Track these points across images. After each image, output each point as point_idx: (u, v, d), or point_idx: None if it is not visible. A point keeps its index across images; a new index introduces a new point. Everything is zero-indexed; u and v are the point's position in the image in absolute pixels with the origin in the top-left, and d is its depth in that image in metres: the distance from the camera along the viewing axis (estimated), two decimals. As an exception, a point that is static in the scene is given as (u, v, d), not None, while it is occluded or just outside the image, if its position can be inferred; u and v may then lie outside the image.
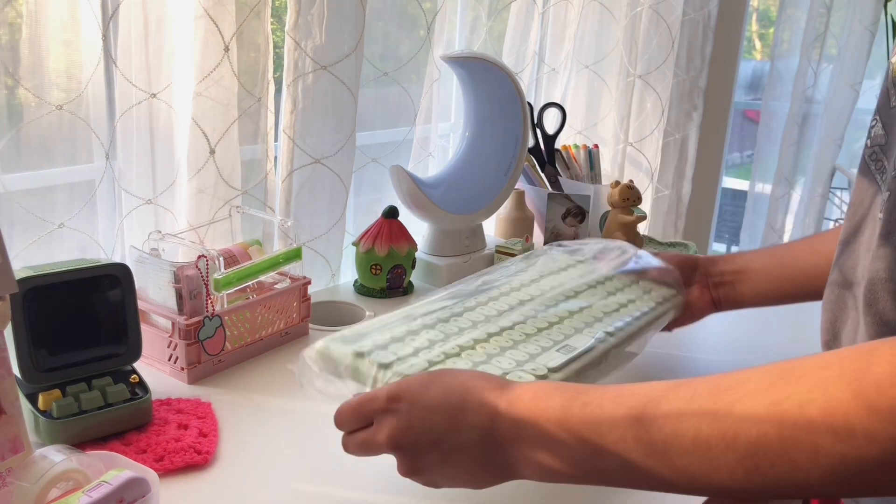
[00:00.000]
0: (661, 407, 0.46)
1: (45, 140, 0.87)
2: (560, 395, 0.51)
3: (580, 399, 0.50)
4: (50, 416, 0.69)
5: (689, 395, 0.46)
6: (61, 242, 0.91)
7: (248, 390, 0.84)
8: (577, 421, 0.49)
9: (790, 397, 0.42)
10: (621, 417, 0.47)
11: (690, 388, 0.46)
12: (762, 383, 0.44)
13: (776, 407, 0.42)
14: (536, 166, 1.43)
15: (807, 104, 2.07)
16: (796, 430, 0.41)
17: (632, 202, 1.36)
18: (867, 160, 0.60)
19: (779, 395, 0.42)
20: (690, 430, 0.45)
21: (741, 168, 3.30)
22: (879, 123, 0.60)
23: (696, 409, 0.45)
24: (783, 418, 0.41)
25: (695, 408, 0.45)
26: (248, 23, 0.99)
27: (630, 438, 0.47)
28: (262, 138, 1.05)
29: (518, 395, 0.53)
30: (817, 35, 2.00)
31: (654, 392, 0.48)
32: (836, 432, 0.40)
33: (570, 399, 0.50)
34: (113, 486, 0.54)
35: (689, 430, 0.45)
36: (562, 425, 0.50)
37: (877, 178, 0.58)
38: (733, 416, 0.43)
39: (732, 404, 0.43)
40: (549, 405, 0.51)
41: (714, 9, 1.71)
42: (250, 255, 0.93)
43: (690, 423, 0.45)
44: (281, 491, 0.67)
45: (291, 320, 0.96)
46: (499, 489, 0.69)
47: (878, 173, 0.59)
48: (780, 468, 0.42)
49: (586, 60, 1.65)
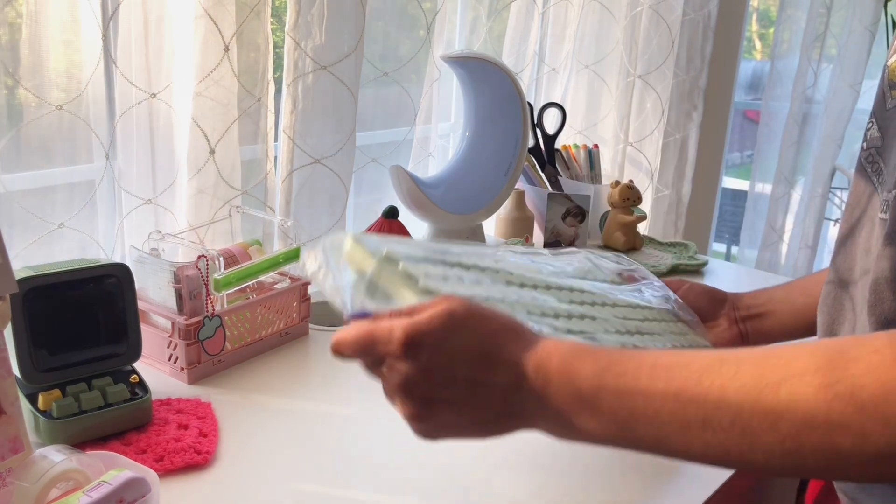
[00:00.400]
0: (701, 383, 0.44)
1: (45, 140, 0.87)
2: (593, 362, 0.49)
3: (614, 369, 0.48)
4: (50, 416, 0.69)
5: (733, 373, 0.44)
6: (61, 242, 0.91)
7: (248, 390, 0.84)
8: (611, 392, 0.47)
9: (841, 381, 0.40)
10: (658, 392, 0.46)
11: (734, 364, 0.44)
12: (811, 364, 0.42)
13: (827, 390, 0.41)
14: (536, 166, 1.43)
15: (807, 104, 2.07)
16: (846, 416, 0.40)
17: (632, 202, 1.36)
18: (863, 162, 0.61)
19: (830, 378, 0.41)
20: (732, 409, 0.43)
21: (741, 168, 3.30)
22: (875, 126, 0.60)
23: (738, 388, 0.43)
24: (833, 402, 0.40)
25: (738, 385, 0.43)
26: (248, 23, 0.99)
27: (666, 413, 0.45)
28: (262, 138, 1.05)
29: (548, 355, 0.49)
30: (817, 35, 2.00)
31: (694, 366, 0.46)
32: (887, 419, 0.39)
33: (604, 369, 0.48)
34: (113, 486, 0.54)
35: (731, 408, 0.43)
36: (594, 395, 0.48)
37: (873, 179, 0.59)
38: (779, 396, 0.42)
39: (779, 384, 0.42)
40: (580, 371, 0.48)
41: (714, 9, 1.71)
42: (250, 255, 0.93)
43: (732, 401, 0.43)
44: (281, 491, 0.67)
45: (291, 320, 0.96)
46: (499, 490, 0.69)
47: (874, 175, 0.59)
48: (821, 453, 0.41)
49: (586, 60, 1.64)
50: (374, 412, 0.81)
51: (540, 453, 0.75)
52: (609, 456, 0.73)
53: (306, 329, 0.99)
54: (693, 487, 0.70)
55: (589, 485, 0.70)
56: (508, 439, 0.78)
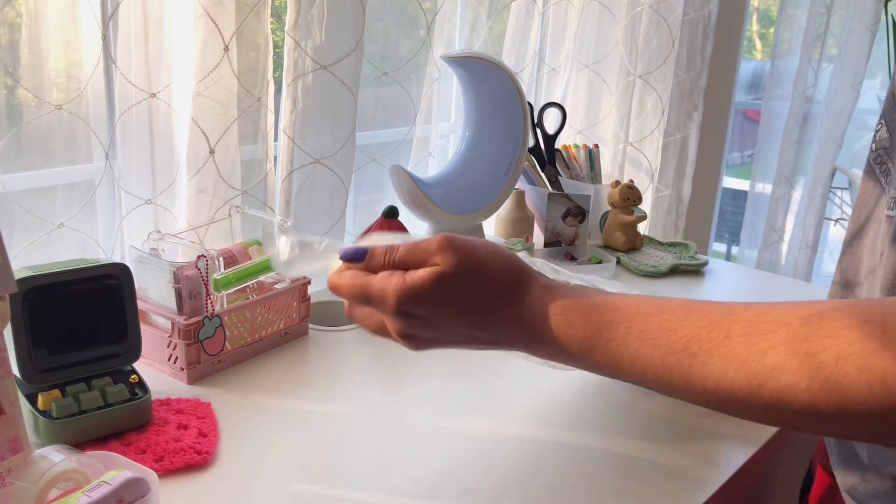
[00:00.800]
0: (689, 348, 0.45)
1: (44, 140, 0.87)
2: (583, 324, 0.50)
3: (605, 334, 0.49)
4: (49, 417, 0.69)
5: (722, 337, 0.44)
6: (61, 242, 0.91)
7: (247, 390, 0.84)
8: (601, 353, 0.49)
9: (827, 349, 0.40)
10: (645, 356, 0.47)
11: (723, 329, 0.45)
12: (800, 331, 0.42)
13: (811, 358, 0.41)
14: (536, 166, 1.43)
15: (807, 104, 2.07)
16: (828, 384, 0.40)
17: (632, 202, 1.36)
18: (872, 163, 0.61)
19: (816, 346, 0.41)
20: (715, 373, 0.44)
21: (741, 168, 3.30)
22: (885, 127, 0.60)
23: (725, 353, 0.44)
24: (817, 371, 0.40)
25: (725, 351, 0.44)
26: (248, 22, 0.99)
27: (651, 374, 0.47)
28: (262, 138, 1.05)
29: (538, 318, 0.51)
30: (818, 35, 1.99)
31: (683, 331, 0.46)
32: (871, 389, 0.39)
33: (595, 332, 0.49)
34: (112, 486, 0.54)
35: (715, 372, 0.44)
36: (583, 355, 0.50)
37: (881, 180, 0.59)
38: (764, 364, 0.42)
39: (766, 352, 0.42)
40: (572, 336, 0.50)
41: (714, 8, 1.71)
42: (250, 255, 0.93)
43: (718, 366, 0.44)
44: (281, 491, 0.67)
45: (291, 320, 0.96)
46: (500, 490, 0.69)
47: (882, 176, 0.59)
48: (802, 418, 0.41)
49: (586, 60, 1.64)
50: (374, 412, 0.81)
51: (541, 453, 0.75)
52: (610, 456, 0.73)
53: (306, 329, 0.99)
54: (693, 487, 0.70)
55: (589, 485, 0.70)
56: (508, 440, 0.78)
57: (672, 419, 0.78)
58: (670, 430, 0.79)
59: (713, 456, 0.75)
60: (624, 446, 0.74)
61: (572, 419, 0.81)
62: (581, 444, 0.76)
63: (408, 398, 0.85)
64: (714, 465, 0.74)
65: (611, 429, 0.80)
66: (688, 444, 0.77)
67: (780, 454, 0.84)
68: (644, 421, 0.81)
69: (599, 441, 0.77)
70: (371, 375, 0.93)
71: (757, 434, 0.79)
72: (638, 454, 0.75)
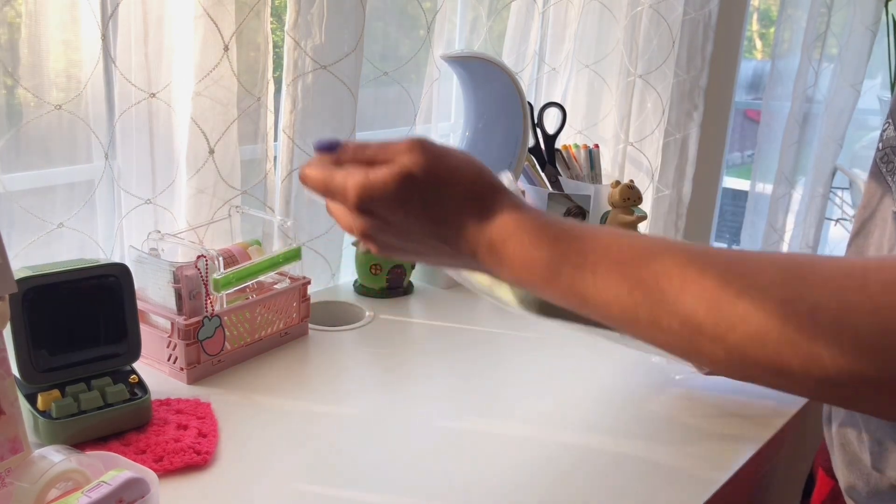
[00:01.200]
0: (659, 284, 0.43)
1: (44, 140, 0.87)
2: (550, 249, 0.47)
3: (573, 260, 0.46)
4: (49, 417, 0.69)
5: (697, 275, 0.42)
6: (61, 242, 0.91)
7: (247, 390, 0.84)
8: (565, 282, 0.46)
9: (805, 300, 0.39)
10: (612, 286, 0.44)
11: (698, 268, 0.42)
12: (778, 277, 0.40)
13: (787, 306, 0.39)
14: (536, 166, 1.43)
15: (807, 104, 2.07)
16: (799, 335, 0.38)
17: (632, 202, 1.36)
18: (878, 162, 0.61)
19: (792, 295, 0.39)
20: (684, 311, 0.42)
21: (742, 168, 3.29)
22: (892, 126, 0.60)
23: (698, 291, 0.42)
24: (788, 320, 0.39)
25: (697, 290, 0.42)
26: (248, 22, 0.99)
27: (616, 308, 0.44)
28: (262, 138, 1.05)
29: (503, 239, 0.48)
30: (818, 35, 1.99)
31: (655, 265, 0.44)
32: (841, 346, 0.37)
33: (563, 257, 0.46)
34: (112, 486, 0.54)
35: (683, 310, 0.42)
36: (548, 281, 0.47)
37: (887, 178, 0.59)
38: (737, 307, 0.40)
39: (739, 294, 0.40)
40: (536, 261, 0.47)
41: (714, 8, 1.71)
42: (250, 255, 0.93)
43: (688, 305, 0.41)
44: (281, 491, 0.67)
45: (291, 320, 0.96)
46: (499, 491, 0.69)
47: (889, 174, 0.59)
48: (769, 368, 0.40)
49: (586, 60, 1.64)
50: (374, 412, 0.81)
51: (540, 454, 0.75)
52: (610, 456, 0.73)
53: (306, 329, 0.99)
54: (693, 487, 0.70)
55: (588, 485, 0.70)
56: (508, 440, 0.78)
57: (672, 419, 0.78)
58: (670, 430, 0.79)
59: (713, 456, 0.75)
60: (623, 446, 0.74)
61: (573, 419, 0.81)
62: (581, 444, 0.76)
63: (408, 398, 0.85)
64: (714, 465, 0.74)
65: (610, 429, 0.80)
66: (688, 444, 0.77)
67: (780, 455, 0.84)
68: (644, 421, 0.81)
69: (599, 441, 0.77)
70: (371, 375, 0.93)
71: (757, 434, 0.79)
72: (638, 454, 0.75)
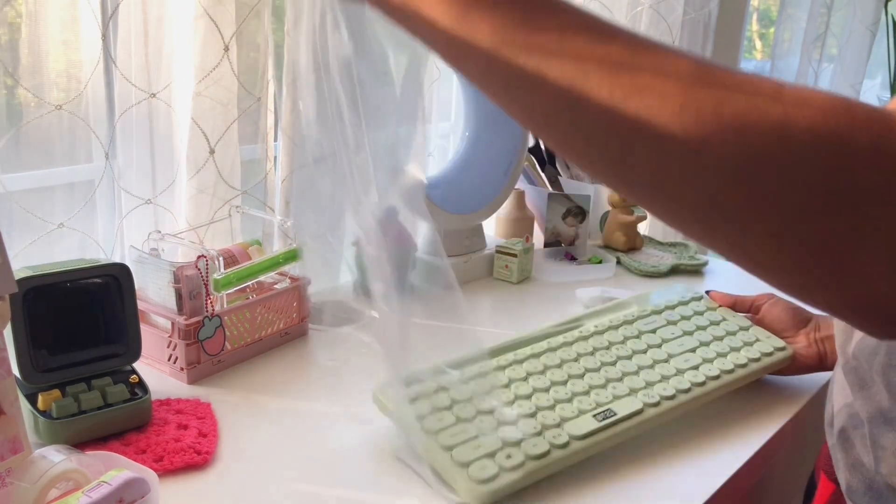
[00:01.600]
0: (574, 42, 0.39)
1: (44, 140, 0.87)
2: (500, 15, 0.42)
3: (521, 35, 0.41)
4: (49, 417, 0.69)
5: (609, 39, 0.39)
6: (61, 242, 0.91)
7: (247, 390, 0.84)
8: (474, 20, 0.42)
9: (712, 91, 0.37)
10: (515, 23, 0.41)
11: (611, 34, 0.40)
12: (694, 67, 0.38)
13: (694, 91, 0.37)
14: (536, 166, 1.43)
15: (807, 104, 2.07)
16: (697, 120, 0.37)
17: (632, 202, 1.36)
18: None
19: (703, 82, 0.37)
20: (565, 73, 0.39)
21: (741, 168, 3.29)
22: None
23: (603, 52, 0.39)
24: (689, 104, 0.37)
25: (602, 51, 0.39)
26: (248, 22, 0.99)
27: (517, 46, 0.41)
28: (262, 138, 1.05)
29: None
30: (818, 35, 2.00)
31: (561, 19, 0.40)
32: (740, 134, 0.36)
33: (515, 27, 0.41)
34: (112, 486, 0.54)
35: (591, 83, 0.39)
36: (458, 19, 0.43)
37: None
38: (639, 78, 0.38)
39: (647, 68, 0.38)
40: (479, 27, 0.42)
41: (714, 8, 1.71)
42: (250, 255, 0.93)
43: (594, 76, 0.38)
44: (281, 491, 0.67)
45: (291, 320, 0.96)
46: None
47: None
48: (649, 156, 0.38)
49: (586, 60, 1.64)
50: (374, 412, 0.81)
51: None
52: (609, 456, 0.73)
53: (306, 329, 0.99)
54: (693, 487, 0.70)
55: (590, 481, 0.70)
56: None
57: (672, 419, 0.78)
58: (670, 431, 0.79)
59: (713, 456, 0.75)
60: (623, 446, 0.74)
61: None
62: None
63: (408, 398, 0.85)
64: (714, 465, 0.74)
65: (611, 429, 0.79)
66: (688, 443, 0.77)
67: (779, 456, 0.84)
68: (644, 421, 0.81)
69: (599, 441, 0.77)
70: (371, 375, 0.93)
71: (757, 434, 0.79)
72: (637, 454, 0.75)
